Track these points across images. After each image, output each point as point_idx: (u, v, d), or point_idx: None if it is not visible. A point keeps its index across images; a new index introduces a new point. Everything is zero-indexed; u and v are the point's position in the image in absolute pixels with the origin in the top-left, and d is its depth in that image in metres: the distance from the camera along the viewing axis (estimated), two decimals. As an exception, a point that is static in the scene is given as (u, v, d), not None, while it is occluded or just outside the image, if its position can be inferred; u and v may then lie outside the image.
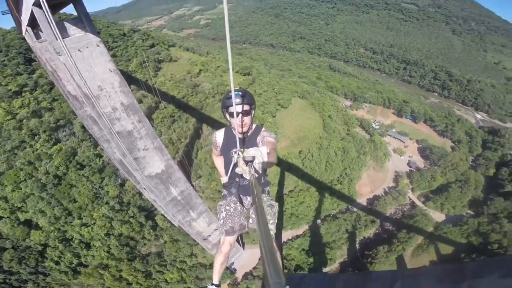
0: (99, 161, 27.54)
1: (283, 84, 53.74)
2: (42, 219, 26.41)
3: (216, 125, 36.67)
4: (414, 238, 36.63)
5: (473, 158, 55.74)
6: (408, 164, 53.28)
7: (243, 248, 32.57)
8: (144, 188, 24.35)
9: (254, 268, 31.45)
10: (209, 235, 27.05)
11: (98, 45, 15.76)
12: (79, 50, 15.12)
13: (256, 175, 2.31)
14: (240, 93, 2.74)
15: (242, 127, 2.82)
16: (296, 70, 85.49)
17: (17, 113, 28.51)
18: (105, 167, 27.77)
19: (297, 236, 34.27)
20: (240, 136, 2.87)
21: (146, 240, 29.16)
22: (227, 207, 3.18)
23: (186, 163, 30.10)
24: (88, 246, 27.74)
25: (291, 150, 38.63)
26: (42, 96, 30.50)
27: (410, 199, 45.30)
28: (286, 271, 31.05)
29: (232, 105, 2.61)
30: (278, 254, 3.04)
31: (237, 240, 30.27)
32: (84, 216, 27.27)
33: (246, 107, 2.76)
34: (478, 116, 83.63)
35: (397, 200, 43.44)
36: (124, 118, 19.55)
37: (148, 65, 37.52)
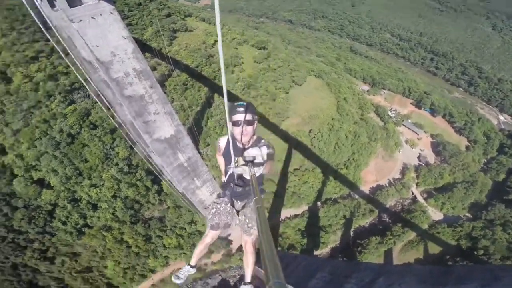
0: (111, 123, 28.40)
1: (299, 61, 52.33)
2: (54, 178, 26.84)
3: (227, 96, 36.55)
4: (407, 233, 37.20)
5: (486, 160, 54.18)
6: (419, 157, 52.25)
7: None
8: (152, 152, 25.25)
9: (249, 241, 32.34)
10: (210, 205, 27.84)
11: (112, 13, 15.92)
12: (93, 18, 15.43)
13: (257, 175, 2.41)
14: (244, 103, 2.85)
15: (243, 136, 2.90)
16: (315, 48, 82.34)
17: (34, 77, 29.29)
18: (117, 128, 28.62)
19: (296, 216, 34.93)
20: (241, 145, 2.98)
21: (150, 204, 29.86)
22: (218, 206, 3.56)
23: (195, 131, 30.60)
24: (95, 207, 28.23)
25: (301, 128, 38.65)
26: (58, 61, 31.11)
27: (413, 193, 44.95)
28: (279, 249, 31.95)
29: (236, 114, 2.81)
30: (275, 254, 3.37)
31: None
32: (93, 176, 27.75)
33: (249, 117, 2.84)
34: (501, 117, 79.47)
35: (399, 192, 43.36)
36: (136, 83, 20.03)
37: (163, 34, 37.24)
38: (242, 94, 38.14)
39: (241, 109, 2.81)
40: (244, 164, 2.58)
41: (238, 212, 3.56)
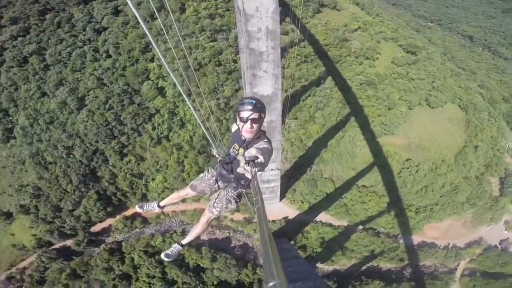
0: (232, 65, 33.35)
1: (449, 83, 42.10)
2: (170, 90, 31.71)
3: (340, 82, 35.51)
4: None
5: None
6: (502, 241, 39.47)
7: (280, 200, 33.39)
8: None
9: (273, 221, 32.71)
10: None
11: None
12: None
13: (259, 174, 2.44)
14: (254, 101, 2.84)
15: (247, 133, 2.98)
16: (483, 77, 63.58)
17: (200, 12, 36.73)
18: (234, 71, 33.63)
19: (330, 225, 33.56)
20: (244, 138, 3.10)
21: (222, 144, 31.60)
22: (206, 174, 3.91)
23: (288, 101, 32.33)
24: (182, 126, 31.25)
25: (399, 152, 33.43)
26: (221, 4, 37.59)
27: (458, 264, 37.55)
28: (292, 242, 32.38)
29: (243, 111, 2.86)
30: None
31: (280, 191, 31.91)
32: (197, 101, 31.24)
33: (256, 115, 2.85)
34: None
35: (446, 260, 36.40)
36: (262, 40, 22.87)
37: (310, 5, 38.03)
38: (356, 88, 35.85)
39: (249, 106, 2.81)
40: (246, 163, 2.57)
41: (219, 188, 3.81)
